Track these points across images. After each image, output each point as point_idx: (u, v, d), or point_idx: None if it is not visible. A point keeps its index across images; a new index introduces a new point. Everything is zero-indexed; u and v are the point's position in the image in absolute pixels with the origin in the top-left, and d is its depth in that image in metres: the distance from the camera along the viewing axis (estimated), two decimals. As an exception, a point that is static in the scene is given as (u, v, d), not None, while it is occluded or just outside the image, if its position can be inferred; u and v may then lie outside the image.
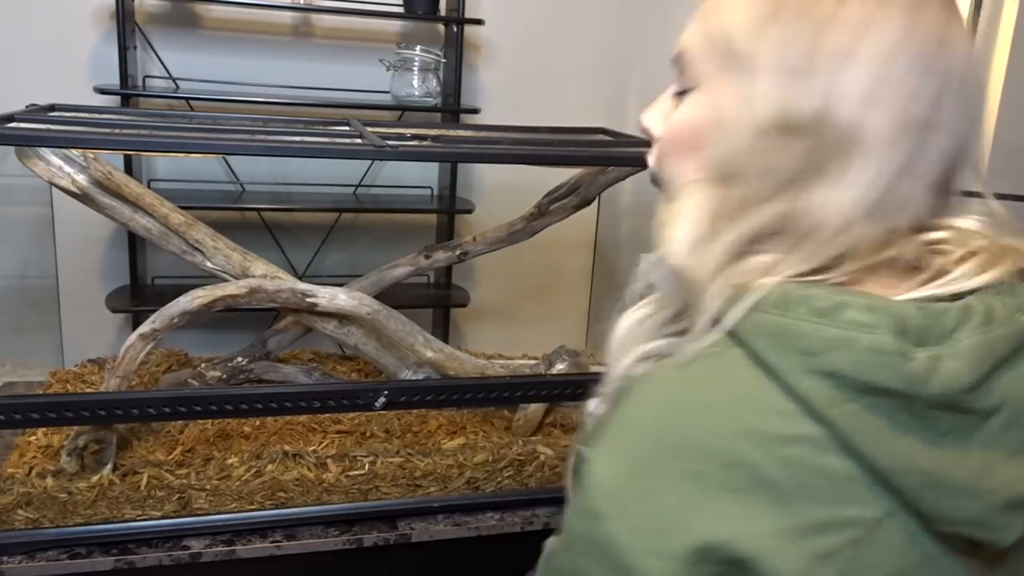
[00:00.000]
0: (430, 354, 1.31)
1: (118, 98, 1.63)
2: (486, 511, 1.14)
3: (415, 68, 1.76)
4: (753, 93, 0.52)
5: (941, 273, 0.52)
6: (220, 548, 1.03)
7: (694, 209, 0.54)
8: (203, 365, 1.39)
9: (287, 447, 1.24)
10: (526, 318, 2.04)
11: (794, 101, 0.50)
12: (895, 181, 0.50)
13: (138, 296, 1.73)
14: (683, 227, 0.54)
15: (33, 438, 1.22)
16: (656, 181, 0.64)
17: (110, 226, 1.70)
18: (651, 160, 0.63)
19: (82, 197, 1.17)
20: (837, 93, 0.49)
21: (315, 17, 1.79)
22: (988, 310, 0.48)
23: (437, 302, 1.96)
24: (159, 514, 1.07)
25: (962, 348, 0.46)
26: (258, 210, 1.81)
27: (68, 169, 1.15)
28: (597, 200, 1.39)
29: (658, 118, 0.63)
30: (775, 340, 0.48)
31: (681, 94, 0.59)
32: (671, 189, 0.60)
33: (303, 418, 1.32)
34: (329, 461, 1.22)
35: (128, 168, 1.63)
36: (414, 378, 1.32)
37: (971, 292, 0.50)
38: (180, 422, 1.26)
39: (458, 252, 1.39)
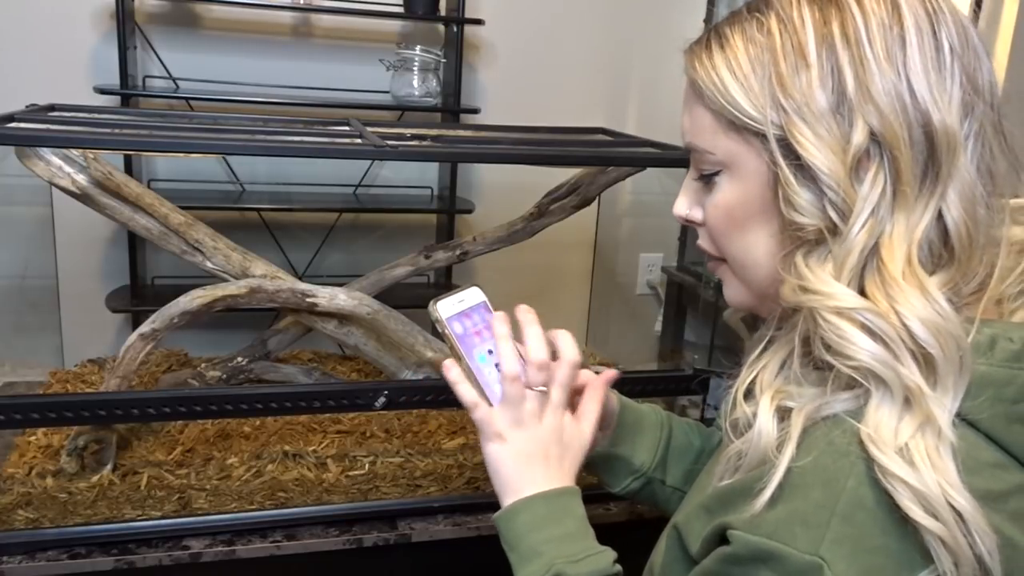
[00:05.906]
0: (430, 354, 1.31)
1: (118, 98, 1.63)
2: (486, 511, 1.13)
3: (415, 68, 1.76)
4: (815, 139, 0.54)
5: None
6: (220, 548, 1.03)
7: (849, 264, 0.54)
8: (203, 365, 1.39)
9: (287, 447, 1.24)
10: (526, 318, 2.03)
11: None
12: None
13: (138, 296, 1.73)
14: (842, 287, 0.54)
15: (33, 438, 1.22)
16: (713, 259, 0.66)
17: (110, 226, 1.70)
18: (705, 244, 0.65)
19: (82, 197, 1.17)
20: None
21: (315, 17, 1.79)
22: None
23: (437, 302, 1.96)
24: (159, 514, 1.07)
25: None
26: (258, 210, 1.80)
27: (68, 169, 1.15)
28: (597, 200, 1.39)
29: (691, 205, 0.65)
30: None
31: (707, 176, 0.61)
32: (739, 262, 0.62)
33: (303, 418, 1.32)
34: (329, 461, 1.22)
35: (128, 168, 1.63)
36: (414, 378, 1.32)
37: None
38: (180, 422, 1.26)
39: (458, 252, 1.39)
